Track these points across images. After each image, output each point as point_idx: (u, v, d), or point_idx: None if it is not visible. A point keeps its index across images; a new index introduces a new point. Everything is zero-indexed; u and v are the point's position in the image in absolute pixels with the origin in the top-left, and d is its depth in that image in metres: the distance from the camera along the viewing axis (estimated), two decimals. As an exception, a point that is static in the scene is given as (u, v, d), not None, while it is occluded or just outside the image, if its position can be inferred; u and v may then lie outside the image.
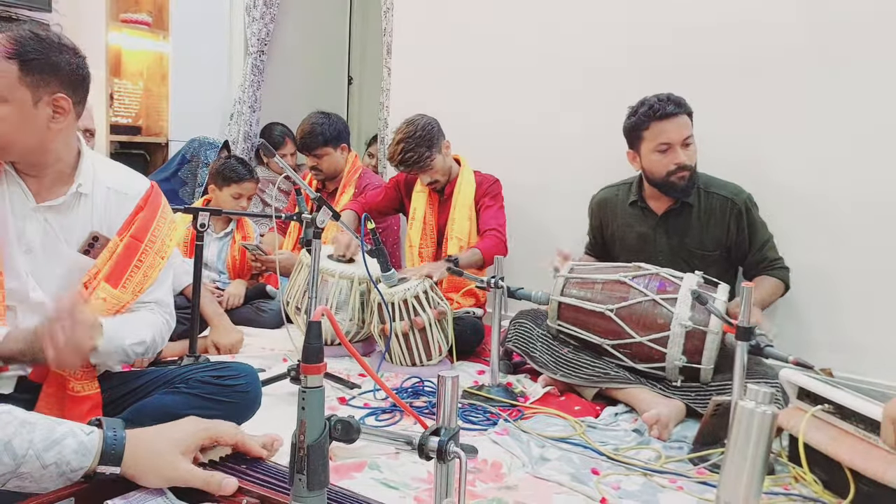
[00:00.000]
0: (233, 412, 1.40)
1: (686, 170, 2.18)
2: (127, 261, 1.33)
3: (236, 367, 1.51)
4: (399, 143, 2.57)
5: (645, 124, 2.20)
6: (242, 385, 1.46)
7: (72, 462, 0.78)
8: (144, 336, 1.33)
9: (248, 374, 1.50)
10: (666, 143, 2.18)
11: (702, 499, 1.47)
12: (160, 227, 1.39)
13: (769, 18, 2.40)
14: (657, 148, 2.19)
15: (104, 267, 1.32)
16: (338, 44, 4.84)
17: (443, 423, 0.84)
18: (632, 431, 1.84)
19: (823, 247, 2.34)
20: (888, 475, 1.34)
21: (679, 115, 2.17)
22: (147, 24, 3.85)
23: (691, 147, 2.20)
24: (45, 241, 1.30)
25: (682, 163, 2.17)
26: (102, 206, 1.35)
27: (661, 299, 2.00)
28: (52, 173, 1.30)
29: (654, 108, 2.18)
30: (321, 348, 0.69)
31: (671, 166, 2.18)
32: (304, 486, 0.68)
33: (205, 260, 2.55)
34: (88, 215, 1.34)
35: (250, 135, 3.93)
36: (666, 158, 2.18)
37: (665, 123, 2.17)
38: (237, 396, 1.44)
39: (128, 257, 1.33)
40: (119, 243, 1.34)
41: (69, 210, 1.32)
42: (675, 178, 2.18)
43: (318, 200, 1.90)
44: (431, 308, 2.24)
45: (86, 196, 1.33)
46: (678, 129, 2.17)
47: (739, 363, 1.53)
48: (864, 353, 2.28)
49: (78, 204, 1.33)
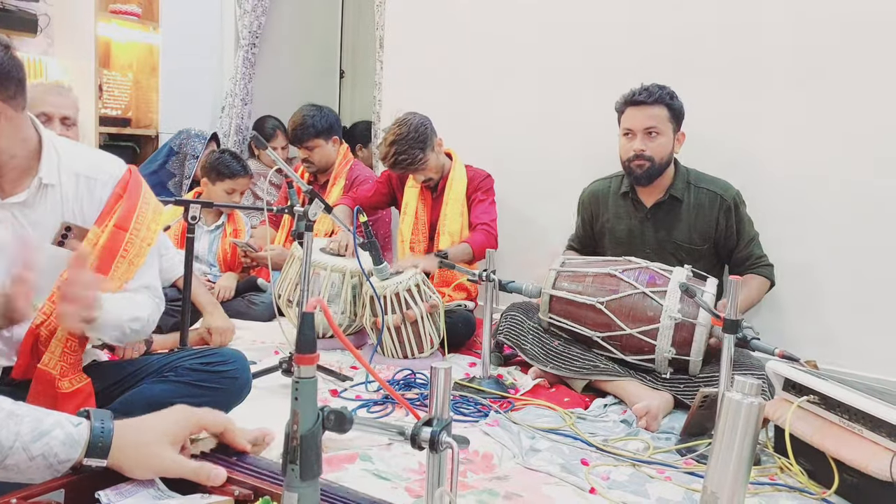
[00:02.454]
0: (223, 398, 1.39)
1: (643, 159, 2.21)
2: (112, 252, 1.30)
3: (225, 352, 1.50)
4: (391, 145, 2.51)
5: (621, 108, 2.28)
6: (232, 371, 1.44)
7: (59, 454, 0.77)
8: (140, 313, 1.32)
9: (237, 359, 1.48)
10: (628, 129, 2.24)
11: (689, 489, 1.49)
12: (144, 214, 1.36)
13: (761, 19, 2.42)
14: (623, 132, 2.27)
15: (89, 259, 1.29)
16: (330, 37, 4.82)
17: (435, 413, 0.85)
18: (620, 422, 1.86)
19: (808, 243, 2.37)
20: (872, 465, 1.36)
21: (649, 105, 2.20)
22: (136, 16, 3.83)
23: (659, 139, 2.21)
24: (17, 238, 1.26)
25: (639, 151, 2.20)
26: (73, 194, 1.31)
27: (651, 292, 2.02)
28: (10, 170, 1.26)
29: (630, 94, 2.24)
30: (314, 339, 0.70)
31: (630, 153, 2.23)
32: (297, 476, 0.69)
33: (196, 253, 2.54)
34: (58, 206, 1.30)
35: (242, 128, 3.91)
36: (628, 144, 2.24)
37: (633, 110, 2.23)
38: (227, 382, 1.43)
39: (113, 249, 1.30)
40: (101, 234, 1.31)
41: (36, 203, 1.28)
42: (634, 164, 2.23)
43: (309, 193, 1.90)
44: (423, 301, 2.25)
45: (52, 187, 1.29)
46: (642, 118, 2.21)
47: (726, 355, 1.55)
48: (847, 346, 2.31)
49: (45, 196, 1.28)
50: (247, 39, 3.85)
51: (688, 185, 2.28)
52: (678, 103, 2.23)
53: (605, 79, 2.72)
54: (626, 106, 2.25)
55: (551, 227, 2.82)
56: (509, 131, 3.00)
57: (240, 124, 3.90)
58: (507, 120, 2.99)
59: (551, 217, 2.85)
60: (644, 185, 2.27)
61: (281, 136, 3.75)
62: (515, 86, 2.97)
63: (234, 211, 2.86)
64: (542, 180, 2.93)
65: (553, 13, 2.86)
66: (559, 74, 2.86)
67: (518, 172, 2.94)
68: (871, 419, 1.41)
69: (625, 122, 2.26)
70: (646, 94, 2.20)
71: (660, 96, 2.20)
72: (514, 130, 2.99)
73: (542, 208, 2.92)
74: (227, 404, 1.43)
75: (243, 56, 3.85)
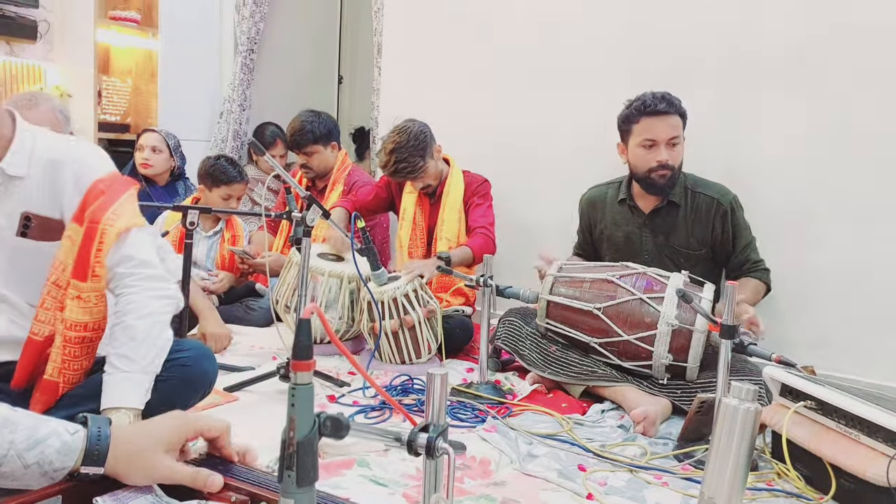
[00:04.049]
0: (175, 390, 1.33)
1: (667, 169, 2.20)
2: (87, 249, 1.27)
3: (186, 343, 1.46)
4: (391, 154, 2.50)
5: (635, 118, 2.23)
6: (183, 359, 1.38)
7: (54, 462, 0.77)
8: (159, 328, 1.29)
9: (195, 349, 1.44)
10: (651, 140, 2.20)
11: (686, 494, 1.49)
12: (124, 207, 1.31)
13: (759, 22, 2.43)
14: (642, 143, 2.22)
15: (68, 260, 1.27)
16: (328, 43, 4.83)
17: (432, 419, 0.85)
18: (618, 428, 1.86)
19: (805, 248, 2.38)
20: (869, 471, 1.36)
21: (669, 115, 2.19)
22: (136, 22, 3.84)
23: (677, 148, 2.22)
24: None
25: (664, 161, 2.19)
26: (38, 182, 1.29)
27: (648, 298, 2.02)
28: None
29: (645, 104, 2.20)
30: (311, 345, 0.70)
31: (653, 163, 2.20)
32: (294, 482, 0.69)
33: (194, 258, 2.55)
34: (25, 197, 1.28)
35: (240, 133, 3.92)
36: (650, 155, 2.21)
37: (654, 120, 2.19)
38: (177, 370, 1.35)
39: (87, 246, 1.27)
40: (80, 230, 1.28)
41: (2, 195, 1.27)
42: (656, 175, 2.21)
43: (307, 199, 1.90)
44: (421, 307, 2.25)
45: (20, 179, 1.27)
46: (665, 128, 2.19)
47: (723, 361, 1.55)
48: (844, 351, 2.32)
49: (11, 186, 1.27)
50: (245, 45, 3.86)
51: (685, 189, 2.29)
52: (685, 110, 2.24)
53: (601, 82, 2.74)
54: (641, 116, 2.21)
55: (549, 232, 2.83)
56: (507, 137, 3.00)
57: (238, 130, 3.90)
58: (505, 125, 3.00)
59: (549, 222, 2.85)
60: (664, 194, 2.26)
61: (280, 143, 3.76)
62: (513, 91, 2.98)
63: (232, 217, 2.86)
64: (539, 185, 2.94)
65: (550, 18, 2.87)
66: (556, 79, 2.87)
67: (516, 177, 2.95)
68: (867, 424, 1.41)
69: (643, 132, 2.21)
70: (665, 104, 2.18)
71: (678, 105, 2.20)
72: (511, 136, 2.99)
73: (540, 213, 2.93)
74: (181, 397, 1.36)
75: (242, 62, 3.86)
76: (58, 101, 2.22)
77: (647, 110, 2.20)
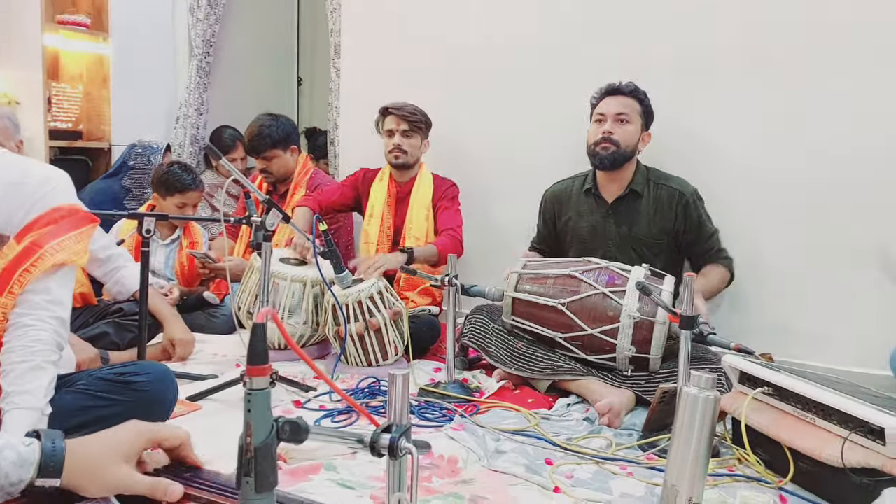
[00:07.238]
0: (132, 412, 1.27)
1: (610, 142, 2.28)
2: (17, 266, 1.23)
3: (145, 366, 1.45)
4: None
5: (597, 100, 2.38)
6: (140, 383, 1.39)
7: (10, 475, 0.76)
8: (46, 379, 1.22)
9: (153, 372, 1.44)
10: (601, 114, 2.33)
11: (651, 483, 1.52)
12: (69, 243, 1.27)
13: (714, 16, 2.48)
14: (595, 118, 2.36)
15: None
16: (286, 44, 4.78)
17: (394, 419, 0.85)
18: (583, 420, 1.88)
19: (762, 238, 2.44)
20: (824, 453, 1.40)
21: (624, 95, 2.32)
22: (85, 26, 3.73)
23: (626, 127, 2.30)
24: None
25: (607, 133, 2.28)
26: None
27: (611, 292, 2.05)
28: None
29: (609, 86, 2.36)
30: (266, 351, 0.69)
31: (599, 135, 2.30)
32: (252, 488, 0.68)
33: (152, 267, 2.49)
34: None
35: (197, 138, 3.84)
36: (598, 127, 2.32)
37: (609, 99, 2.34)
38: (133, 395, 1.38)
39: (18, 263, 1.23)
40: (16, 248, 1.24)
41: None
42: (599, 147, 2.30)
43: (267, 203, 1.88)
44: (386, 308, 2.24)
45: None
46: (615, 104, 2.32)
47: (684, 351, 1.58)
48: (800, 338, 2.39)
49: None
50: (200, 48, 3.79)
51: (647, 181, 2.36)
52: (649, 103, 2.35)
53: (563, 81, 2.76)
54: (602, 97, 2.36)
55: (513, 231, 2.84)
56: (469, 137, 3.01)
57: (195, 135, 3.83)
58: (467, 125, 3.01)
59: (513, 221, 2.87)
60: (607, 169, 2.32)
61: (240, 146, 3.69)
62: (474, 91, 2.99)
63: (190, 223, 2.80)
64: (503, 185, 2.95)
65: (509, 18, 2.88)
66: (518, 79, 2.88)
67: (478, 177, 2.96)
68: (822, 408, 1.45)
69: (599, 109, 2.36)
70: (624, 87, 2.33)
71: (636, 90, 2.34)
72: (473, 136, 3.00)
73: (504, 213, 2.94)
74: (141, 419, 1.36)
75: (197, 65, 3.79)
76: (6, 109, 2.15)
77: (607, 90, 2.35)
